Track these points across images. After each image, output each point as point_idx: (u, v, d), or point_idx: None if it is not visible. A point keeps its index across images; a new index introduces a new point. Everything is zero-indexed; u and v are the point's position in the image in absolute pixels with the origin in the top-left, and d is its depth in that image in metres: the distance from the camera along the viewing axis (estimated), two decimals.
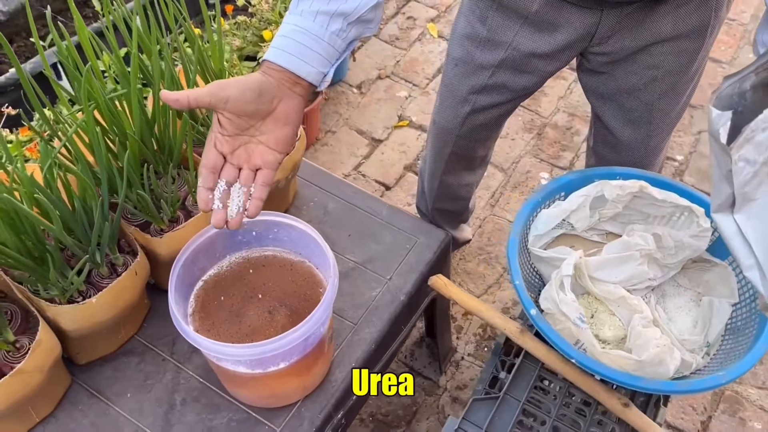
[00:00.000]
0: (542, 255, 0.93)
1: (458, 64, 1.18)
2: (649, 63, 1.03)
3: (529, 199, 0.97)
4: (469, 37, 1.14)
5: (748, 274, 0.66)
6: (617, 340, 0.86)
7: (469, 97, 1.20)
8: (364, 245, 1.14)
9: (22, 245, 0.75)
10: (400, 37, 2.32)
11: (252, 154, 0.80)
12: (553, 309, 0.84)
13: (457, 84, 1.20)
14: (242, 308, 0.90)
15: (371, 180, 1.92)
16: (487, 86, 1.17)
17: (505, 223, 1.81)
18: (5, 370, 0.81)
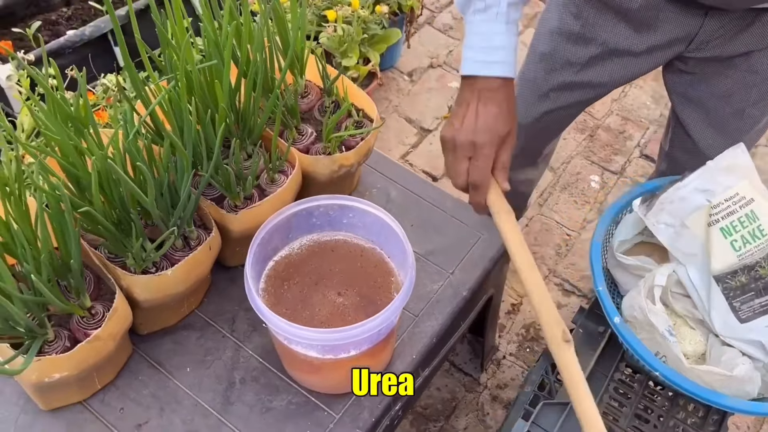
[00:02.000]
0: (626, 262, 0.90)
1: (543, 59, 1.15)
2: (747, 68, 0.99)
3: (613, 204, 0.95)
4: (560, 31, 1.11)
5: (703, 314, 0.86)
6: (697, 355, 0.84)
7: (551, 94, 1.18)
8: (427, 237, 1.13)
9: (109, 212, 0.74)
10: (454, 26, 2.29)
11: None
12: (640, 318, 0.82)
13: (540, 80, 1.17)
14: (311, 290, 0.89)
15: (418, 170, 1.90)
16: (573, 83, 1.14)
17: (553, 224, 1.79)
18: (78, 335, 0.80)
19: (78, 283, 0.75)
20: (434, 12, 2.33)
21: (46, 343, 0.78)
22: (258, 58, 0.82)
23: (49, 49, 1.63)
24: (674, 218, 0.86)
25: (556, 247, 1.74)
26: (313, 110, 1.07)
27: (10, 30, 1.82)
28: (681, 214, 0.86)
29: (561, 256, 1.72)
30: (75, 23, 1.91)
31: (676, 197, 0.87)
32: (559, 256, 1.72)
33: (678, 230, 0.85)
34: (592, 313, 1.17)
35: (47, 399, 0.86)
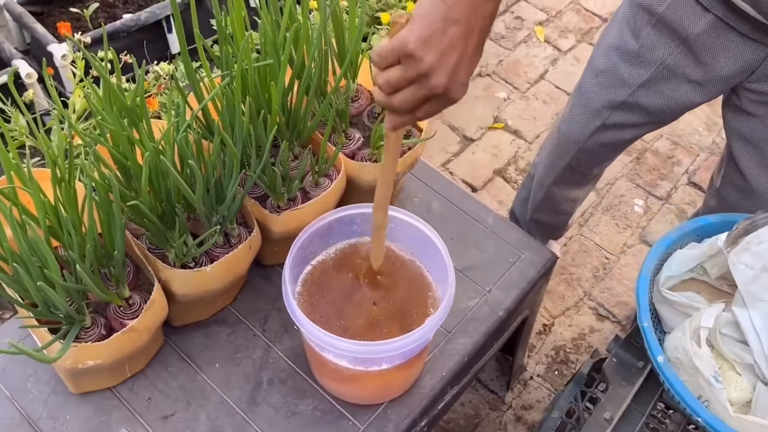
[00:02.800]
0: (672, 298, 0.87)
1: (599, 74, 1.13)
2: None
3: (665, 237, 0.92)
4: (617, 48, 1.08)
5: (759, 360, 0.79)
6: (742, 402, 0.81)
7: (603, 112, 1.15)
8: (466, 251, 1.11)
9: (155, 205, 0.74)
10: (506, 36, 2.26)
11: None
12: (684, 360, 0.79)
13: (594, 95, 1.15)
14: (346, 298, 0.88)
15: (458, 179, 1.88)
16: (625, 104, 1.11)
17: (592, 245, 1.75)
18: (114, 324, 0.81)
19: (119, 273, 0.75)
20: None
21: (83, 330, 0.78)
22: (314, 62, 0.81)
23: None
24: (757, 261, 0.82)
25: (594, 270, 1.70)
26: (362, 115, 1.06)
27: (68, 9, 1.85)
28: (766, 257, 0.81)
29: (597, 280, 1.69)
30: (131, 8, 1.93)
31: (765, 238, 0.82)
32: (595, 279, 1.69)
33: (757, 273, 0.80)
34: (628, 344, 1.14)
35: (78, 383, 0.87)
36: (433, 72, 0.62)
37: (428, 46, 0.61)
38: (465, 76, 0.64)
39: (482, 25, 0.63)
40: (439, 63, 0.62)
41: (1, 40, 1.60)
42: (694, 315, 0.84)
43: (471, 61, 0.64)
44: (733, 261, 0.83)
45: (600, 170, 1.35)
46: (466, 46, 0.62)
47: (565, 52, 2.22)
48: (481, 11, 0.62)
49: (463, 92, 0.65)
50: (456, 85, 0.63)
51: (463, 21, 0.61)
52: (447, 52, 0.61)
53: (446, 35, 0.61)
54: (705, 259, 0.90)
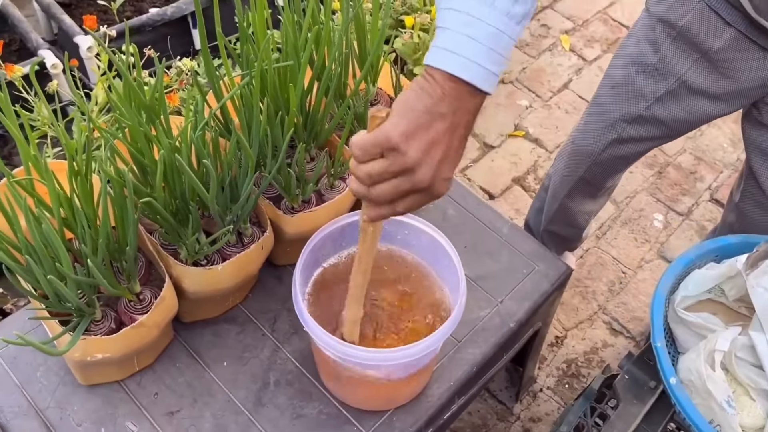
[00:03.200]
0: (688, 319, 0.86)
1: (615, 86, 1.11)
2: None
3: (683, 256, 0.90)
4: (635, 61, 1.07)
5: None
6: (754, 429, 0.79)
7: (618, 125, 1.13)
8: (480, 260, 1.10)
9: (169, 201, 0.74)
10: (531, 43, 2.24)
11: None
12: (696, 383, 0.78)
13: (609, 107, 1.13)
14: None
15: (476, 185, 1.86)
16: (641, 117, 1.09)
17: (608, 259, 1.73)
18: (124, 318, 0.81)
19: (130, 268, 0.75)
20: None
21: (93, 323, 0.79)
22: (334, 64, 0.81)
23: (131, 25, 1.66)
24: None
25: (609, 284, 1.68)
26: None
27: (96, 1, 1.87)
28: None
29: (613, 294, 1.66)
30: (158, 2, 1.94)
31: None
32: (611, 293, 1.67)
33: None
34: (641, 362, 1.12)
35: (87, 375, 0.87)
36: (417, 167, 0.60)
37: (413, 140, 0.60)
38: (449, 171, 0.63)
39: (468, 120, 0.62)
40: (424, 158, 0.60)
41: (29, 30, 1.62)
42: (710, 337, 0.82)
43: (456, 156, 0.63)
44: (752, 284, 0.81)
45: (613, 183, 1.33)
46: (451, 141, 0.61)
47: (590, 61, 2.20)
48: (468, 106, 0.61)
49: (447, 187, 0.64)
50: (440, 180, 0.62)
51: (449, 115, 0.60)
52: (432, 147, 0.60)
53: (431, 129, 0.60)
54: (723, 281, 0.88)
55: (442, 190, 0.63)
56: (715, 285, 0.89)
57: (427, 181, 0.61)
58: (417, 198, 0.64)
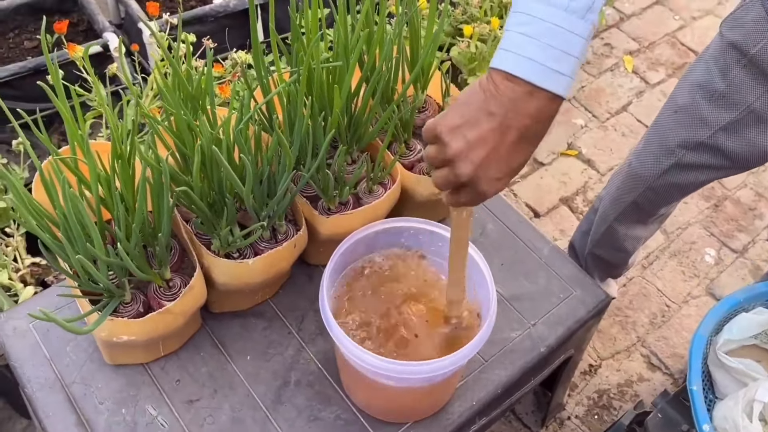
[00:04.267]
0: (729, 364, 0.81)
1: (679, 111, 1.07)
2: None
3: (730, 297, 0.86)
4: (702, 86, 1.02)
5: None
6: None
7: (677, 151, 1.09)
8: (515, 280, 1.07)
9: (206, 192, 0.75)
10: (592, 62, 2.19)
11: None
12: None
13: (670, 132, 1.09)
14: (383, 311, 0.86)
15: (522, 202, 1.83)
16: (703, 145, 1.05)
17: (653, 290, 1.67)
18: (152, 303, 0.82)
19: (162, 255, 0.76)
20: None
21: (122, 305, 0.80)
22: (384, 66, 0.80)
23: (194, 14, 1.69)
24: None
25: (651, 316, 1.62)
26: None
27: None
28: None
29: (654, 327, 1.60)
30: None
31: None
32: (652, 325, 1.60)
33: None
34: (677, 402, 1.07)
35: (113, 355, 0.89)
36: (458, 160, 0.61)
37: (456, 134, 0.60)
38: (497, 171, 0.62)
39: (524, 124, 0.60)
40: (465, 153, 0.60)
41: (97, 12, 1.67)
42: (751, 385, 0.78)
43: (507, 159, 0.61)
44: None
45: (667, 211, 1.28)
46: (500, 142, 0.60)
47: (653, 85, 2.13)
48: (525, 108, 0.59)
49: (496, 188, 0.63)
50: (484, 179, 0.62)
51: (500, 116, 0.59)
52: (476, 144, 0.60)
53: (477, 126, 0.60)
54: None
55: (488, 190, 0.63)
56: (762, 331, 0.84)
57: (466, 176, 0.61)
58: (467, 192, 0.65)
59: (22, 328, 0.93)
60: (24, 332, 0.93)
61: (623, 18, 2.34)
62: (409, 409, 0.89)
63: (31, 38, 1.67)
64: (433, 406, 0.90)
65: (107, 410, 0.88)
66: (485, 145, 0.60)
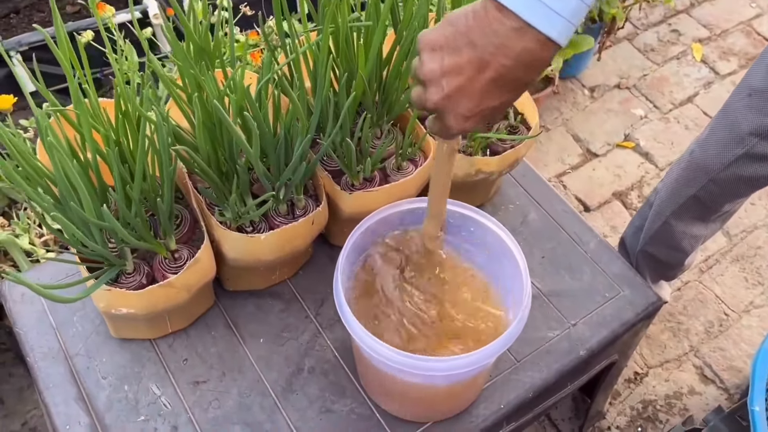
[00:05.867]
0: None
1: (753, 94, 0.95)
2: None
3: None
4: None
5: None
6: None
7: (748, 139, 0.97)
8: (557, 275, 0.97)
9: (213, 156, 0.68)
10: (657, 49, 2.04)
11: None
12: None
13: (741, 117, 0.97)
14: (404, 300, 0.78)
15: (571, 194, 1.71)
16: None
17: (711, 297, 1.53)
18: (157, 275, 0.76)
19: (165, 224, 0.70)
20: (638, 29, 2.09)
21: (124, 275, 0.74)
22: (417, 24, 0.72)
23: None
24: None
25: (707, 324, 1.49)
26: None
27: None
28: None
29: (710, 336, 1.47)
30: None
31: None
32: (707, 334, 1.48)
33: None
34: (732, 420, 0.97)
35: (117, 328, 0.84)
36: (429, 84, 0.56)
37: (434, 55, 0.55)
38: (466, 108, 0.55)
39: (504, 65, 0.52)
40: (437, 78, 0.55)
41: None
42: None
43: (479, 98, 0.55)
44: None
45: (731, 208, 1.15)
46: (474, 77, 0.54)
47: (723, 76, 1.98)
48: (507, 48, 0.52)
49: (462, 126, 0.57)
50: (450, 111, 0.56)
51: (480, 48, 0.53)
52: (449, 72, 0.54)
53: (457, 53, 0.54)
54: None
55: (453, 124, 0.57)
56: None
57: (432, 102, 0.56)
58: (437, 122, 0.60)
59: (30, 295, 0.90)
60: (32, 299, 0.90)
61: (694, 3, 2.18)
62: (428, 409, 0.81)
63: (74, 3, 1.65)
64: (456, 406, 0.83)
65: (109, 386, 0.83)
66: (459, 76, 0.54)
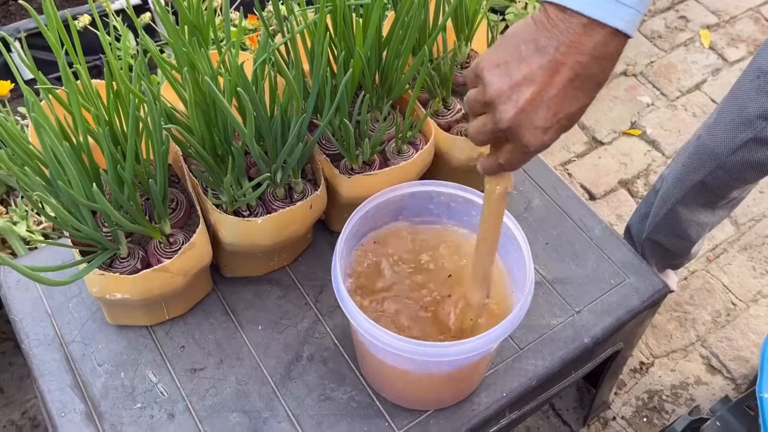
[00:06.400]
0: None
1: (762, 76, 0.93)
2: None
3: None
4: None
5: None
6: None
7: (757, 123, 0.95)
8: (561, 262, 0.95)
9: (208, 137, 0.67)
10: (664, 35, 2.01)
11: None
12: None
13: (750, 100, 0.95)
14: (404, 285, 0.77)
15: (576, 183, 1.69)
16: None
17: (718, 286, 1.51)
18: (152, 260, 0.75)
19: (159, 206, 0.69)
20: (645, 15, 2.06)
21: (118, 259, 0.73)
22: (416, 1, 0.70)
23: None
24: None
25: (714, 314, 1.47)
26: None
27: None
28: None
29: (717, 326, 1.45)
30: None
31: None
32: (714, 324, 1.45)
33: None
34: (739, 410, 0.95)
35: (113, 314, 0.83)
36: (498, 101, 0.52)
37: (499, 71, 0.52)
38: (543, 119, 0.52)
39: (578, 61, 0.50)
40: (508, 93, 0.52)
41: None
42: None
43: (557, 104, 0.52)
44: None
45: (739, 195, 1.13)
46: (548, 83, 0.51)
47: (731, 63, 1.94)
48: (580, 44, 0.49)
49: (540, 140, 0.53)
50: (526, 126, 0.52)
51: (551, 50, 0.50)
52: (521, 83, 0.51)
53: (525, 63, 0.51)
54: None
55: (531, 141, 0.53)
56: None
57: (506, 121, 0.53)
58: (508, 148, 0.56)
59: (26, 281, 0.89)
60: (27, 285, 0.88)
61: None
62: (429, 396, 0.80)
63: None
64: (458, 394, 0.81)
65: (105, 373, 0.82)
66: (531, 85, 0.51)
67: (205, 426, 0.79)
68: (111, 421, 0.78)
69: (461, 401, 0.82)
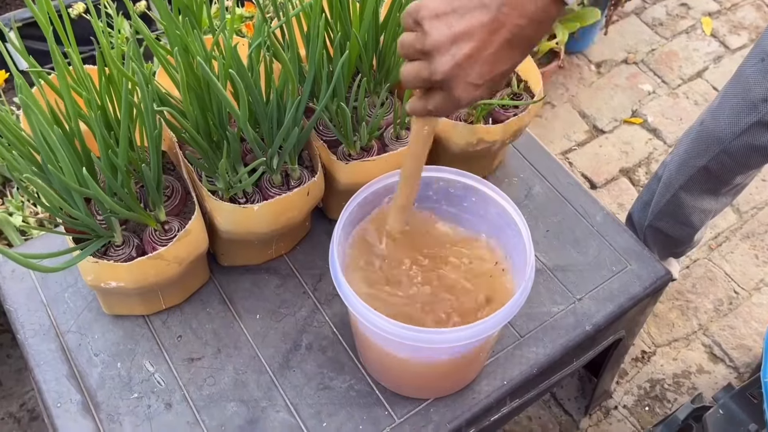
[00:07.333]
0: None
1: (766, 59, 0.91)
2: None
3: None
4: None
5: None
6: None
7: (762, 106, 0.93)
8: (562, 249, 0.94)
9: (203, 122, 0.66)
10: (665, 23, 1.99)
11: None
12: None
13: (754, 83, 0.93)
14: (402, 271, 0.76)
15: (577, 171, 1.68)
16: None
17: (720, 274, 1.50)
18: (147, 248, 0.74)
19: (153, 192, 0.68)
20: (646, 2, 2.04)
21: (113, 247, 0.72)
22: None
23: None
24: None
25: (716, 302, 1.46)
26: None
27: None
28: None
29: (719, 314, 1.44)
30: None
31: None
32: (717, 313, 1.45)
33: None
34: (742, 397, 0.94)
35: (109, 303, 0.82)
36: (436, 53, 0.53)
37: (440, 22, 0.52)
38: (477, 75, 0.53)
39: (518, 24, 0.51)
40: (446, 46, 0.52)
41: None
42: None
43: (491, 62, 0.52)
44: None
45: (743, 181, 1.11)
46: (487, 40, 0.51)
47: (733, 50, 1.93)
48: (523, 7, 0.50)
49: (472, 95, 0.54)
50: (461, 81, 0.53)
51: (493, 9, 0.50)
52: (460, 37, 0.51)
53: (467, 17, 0.51)
54: None
55: (463, 95, 0.54)
56: None
57: (442, 73, 0.53)
58: (439, 96, 0.56)
59: (21, 271, 0.88)
60: (22, 275, 0.87)
61: None
62: (429, 384, 0.79)
63: None
64: (458, 382, 0.80)
65: (102, 363, 0.81)
66: (470, 41, 0.51)
67: (202, 415, 0.78)
68: (108, 411, 0.78)
69: (461, 389, 0.81)
